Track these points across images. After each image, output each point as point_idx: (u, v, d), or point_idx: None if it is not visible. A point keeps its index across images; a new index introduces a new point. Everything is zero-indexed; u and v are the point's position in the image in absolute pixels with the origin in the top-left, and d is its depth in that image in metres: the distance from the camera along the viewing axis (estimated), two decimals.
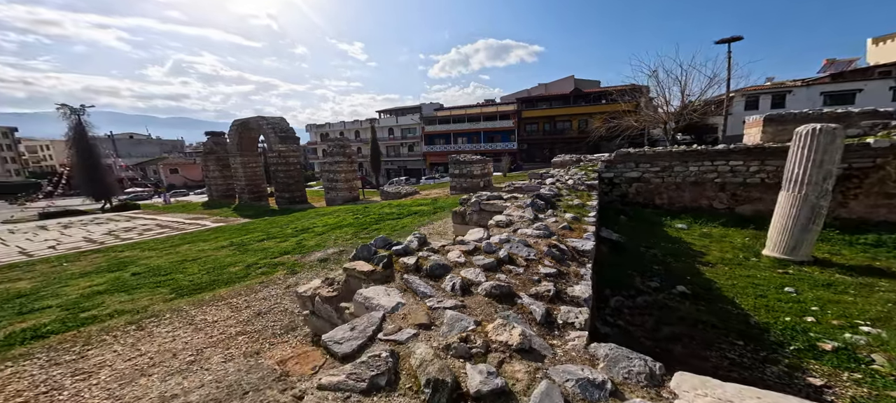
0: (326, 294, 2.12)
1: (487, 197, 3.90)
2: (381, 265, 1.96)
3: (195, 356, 2.49)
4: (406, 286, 1.64)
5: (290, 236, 6.75)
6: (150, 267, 5.36)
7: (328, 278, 2.31)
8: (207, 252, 6.13)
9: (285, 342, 2.64)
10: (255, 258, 5.23)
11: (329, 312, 2.10)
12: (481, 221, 3.59)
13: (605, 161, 7.32)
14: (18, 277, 5.38)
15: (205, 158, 24.45)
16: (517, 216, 2.87)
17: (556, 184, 4.77)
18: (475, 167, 10.95)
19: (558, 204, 3.54)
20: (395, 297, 1.50)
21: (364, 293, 1.57)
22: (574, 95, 34.38)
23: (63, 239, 10.83)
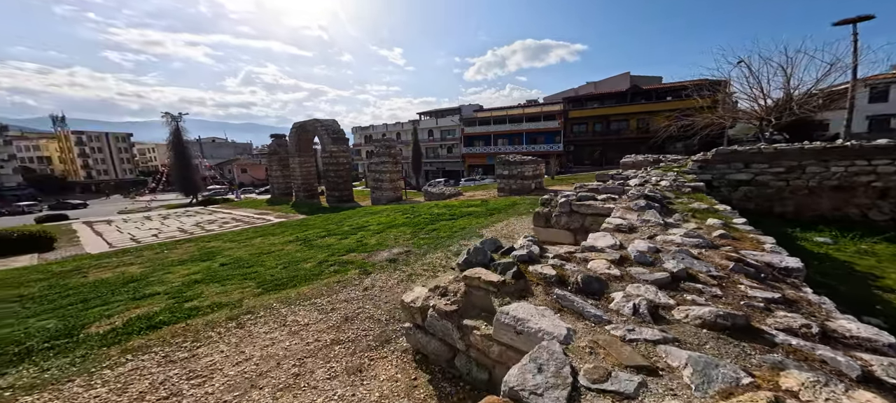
0: (445, 307, 1.67)
1: (578, 197, 3.20)
2: (509, 275, 1.59)
3: (298, 367, 2.39)
4: (559, 304, 1.31)
5: (348, 233, 6.83)
6: (233, 258, 5.72)
7: (438, 286, 1.90)
8: (278, 246, 6.42)
9: (384, 358, 2.40)
10: (322, 254, 5.33)
11: (447, 329, 1.75)
12: (571, 224, 2.90)
13: (698, 160, 5.98)
14: (131, 262, 6.13)
15: (269, 158, 26.91)
16: (637, 220, 2.17)
17: (646, 185, 3.85)
18: (527, 168, 10.06)
19: (672, 208, 2.69)
20: (554, 320, 1.16)
21: (510, 312, 1.25)
22: (632, 93, 31.00)
23: (163, 228, 12.56)
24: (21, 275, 5.63)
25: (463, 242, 5.34)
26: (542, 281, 1.51)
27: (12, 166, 49.58)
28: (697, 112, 17.58)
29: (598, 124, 32.41)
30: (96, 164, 62.52)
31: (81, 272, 5.55)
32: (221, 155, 65.58)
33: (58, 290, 4.51)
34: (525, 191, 10.19)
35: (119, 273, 5.28)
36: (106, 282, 4.73)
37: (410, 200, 16.86)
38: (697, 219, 2.30)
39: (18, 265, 7.48)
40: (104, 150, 63.45)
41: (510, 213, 7.44)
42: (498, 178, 11.02)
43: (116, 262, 6.19)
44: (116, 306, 3.72)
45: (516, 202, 8.43)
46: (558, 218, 3.18)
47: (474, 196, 13.03)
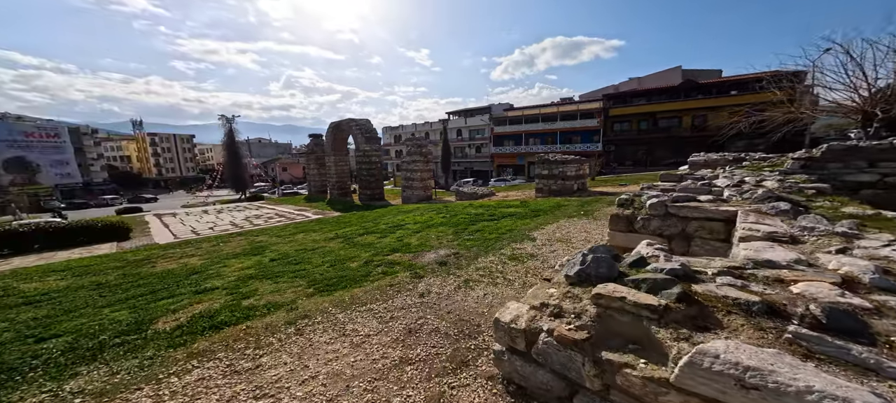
0: (569, 333, 1.33)
1: (675, 197, 2.69)
2: (671, 296, 1.23)
3: (371, 392, 2.15)
4: (804, 348, 0.93)
5: (386, 232, 6.84)
6: (280, 253, 5.93)
7: (546, 305, 1.57)
8: (320, 243, 6.55)
9: (466, 386, 2.10)
10: (366, 253, 5.37)
11: (570, 362, 1.36)
12: (665, 230, 2.44)
13: (800, 158, 4.97)
14: (192, 253, 6.67)
15: (307, 157, 28.40)
16: (790, 229, 1.72)
17: (744, 186, 3.18)
18: (569, 167, 9.33)
19: (818, 214, 2.12)
20: (822, 376, 0.81)
21: (723, 354, 0.89)
22: (686, 88, 27.94)
23: (217, 222, 13.71)
24: (102, 263, 6.30)
25: (516, 245, 5.04)
26: (735, 308, 1.12)
27: (100, 164, 58.02)
28: (774, 106, 15.19)
29: (643, 122, 29.72)
30: (165, 163, 71.10)
31: (151, 261, 6.06)
32: (266, 154, 71.13)
33: (130, 279, 4.92)
34: (567, 191, 9.47)
35: (182, 264, 5.69)
36: (171, 273, 5.11)
37: (440, 199, 16.72)
38: (890, 231, 1.73)
39: (100, 253, 8.44)
40: (172, 150, 71.95)
41: (558, 215, 6.98)
42: (536, 178, 10.39)
43: (180, 253, 6.72)
44: (181, 299, 3.93)
45: (561, 203, 7.85)
46: (646, 222, 2.69)
47: (508, 196, 12.49)
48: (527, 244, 5.09)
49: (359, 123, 21.58)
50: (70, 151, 47.57)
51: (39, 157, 43.62)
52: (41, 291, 4.59)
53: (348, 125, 22.09)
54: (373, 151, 21.25)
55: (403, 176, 18.70)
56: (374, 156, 21.37)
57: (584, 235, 5.51)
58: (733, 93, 23.86)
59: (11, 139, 41.49)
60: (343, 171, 24.44)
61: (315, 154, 27.68)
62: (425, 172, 18.19)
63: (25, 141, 42.57)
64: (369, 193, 21.21)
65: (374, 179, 21.48)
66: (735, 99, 23.19)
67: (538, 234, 5.62)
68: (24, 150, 42.49)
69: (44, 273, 5.61)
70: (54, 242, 9.30)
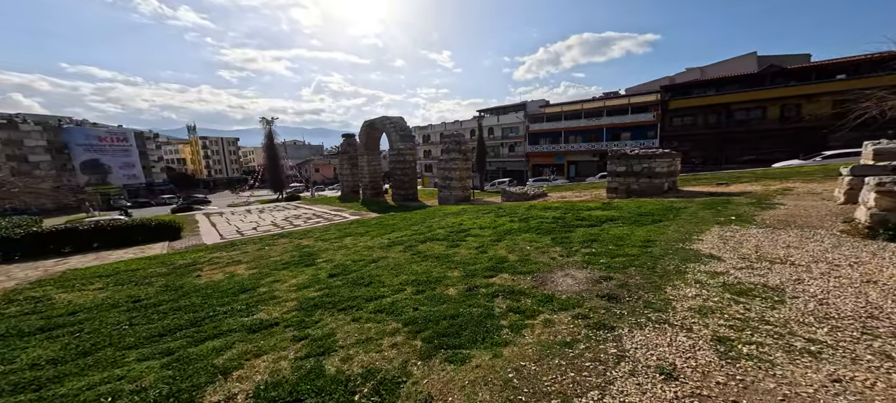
0: None
1: None
2: None
3: None
4: None
5: (453, 238, 5.87)
6: (337, 264, 5.13)
7: None
8: (377, 251, 5.73)
9: None
10: (454, 272, 4.20)
11: None
12: None
13: None
14: (238, 259, 6.18)
15: (340, 157, 28.62)
16: None
17: None
18: (659, 163, 7.70)
19: None
20: None
21: None
22: (772, 73, 24.04)
23: (260, 222, 13.77)
24: (149, 267, 5.96)
25: (700, 268, 3.52)
26: None
27: (160, 166, 64.12)
28: None
29: (712, 115, 26.09)
30: (214, 165, 77.22)
31: (196, 268, 5.58)
32: (300, 155, 74.54)
33: (172, 295, 4.35)
34: (655, 191, 7.86)
35: (228, 275, 5.09)
36: (218, 288, 4.47)
37: (481, 201, 15.53)
38: None
39: (151, 253, 8.35)
40: (220, 153, 77.99)
41: (683, 221, 5.39)
42: (611, 176, 8.85)
43: (226, 258, 6.31)
44: (231, 339, 2.97)
45: (675, 206, 6.24)
46: None
47: (566, 197, 11.02)
48: (715, 264, 3.60)
49: (393, 121, 21.11)
50: (135, 154, 53.02)
51: (110, 160, 49.06)
52: (74, 306, 4.13)
53: (382, 123, 21.71)
54: (407, 150, 20.65)
55: (440, 175, 17.80)
56: (409, 155, 20.76)
57: (756, 244, 4.08)
58: (841, 77, 19.88)
59: (88, 143, 47.07)
60: (376, 171, 24.22)
61: (348, 154, 27.79)
62: (464, 171, 17.13)
63: (99, 145, 48.10)
64: (403, 194, 20.63)
65: (408, 179, 20.87)
66: (842, 84, 19.30)
67: (704, 247, 4.14)
68: (98, 153, 48.03)
69: (88, 279, 5.31)
70: (112, 241, 9.50)
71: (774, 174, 10.54)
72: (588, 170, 32.08)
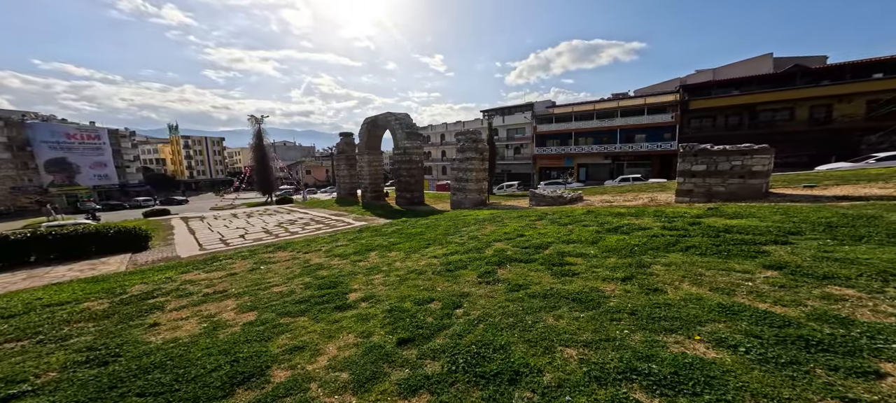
0: None
1: None
2: None
3: None
4: None
5: (540, 259, 4.15)
6: (391, 309, 3.17)
7: None
8: (436, 280, 3.89)
9: None
10: (657, 340, 2.28)
11: None
12: None
13: None
14: (224, 287, 4.32)
15: (336, 158, 26.80)
16: None
17: None
18: (755, 160, 6.32)
19: None
20: None
21: None
22: (801, 72, 23.40)
23: (249, 228, 11.87)
24: (85, 295, 4.14)
25: None
26: None
27: (136, 166, 60.45)
28: None
29: (733, 116, 25.34)
30: (197, 165, 73.59)
31: (156, 304, 3.77)
32: (290, 157, 71.84)
33: (98, 365, 2.50)
34: (750, 194, 6.45)
35: (206, 323, 3.24)
36: (185, 363, 2.49)
37: (499, 204, 13.97)
38: None
39: (104, 270, 6.43)
40: (203, 153, 74.45)
41: None
42: (682, 177, 7.43)
43: (205, 283, 4.62)
44: None
45: (864, 214, 4.28)
46: None
47: (615, 201, 9.56)
48: None
49: (398, 117, 19.55)
50: (109, 153, 49.59)
51: (79, 159, 45.61)
52: None
53: (386, 120, 20.12)
54: (414, 149, 19.08)
55: (453, 176, 16.26)
56: (416, 154, 19.19)
57: None
58: (879, 76, 19.29)
59: (54, 141, 43.62)
60: (377, 173, 22.67)
61: (345, 154, 26.05)
62: (481, 172, 15.61)
63: (67, 142, 44.65)
64: (409, 197, 19.00)
65: (415, 181, 19.28)
66: (879, 84, 18.69)
67: None
68: (66, 152, 44.56)
69: None
70: (61, 252, 7.50)
71: (877, 174, 8.87)
72: (598, 174, 31.05)
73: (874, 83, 19.56)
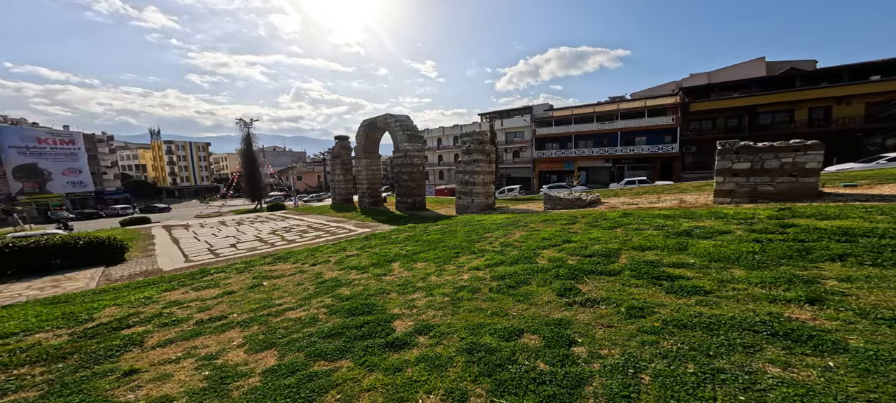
0: None
1: None
2: None
3: None
4: None
5: (621, 276, 3.28)
6: (429, 327, 2.52)
7: None
8: (470, 290, 3.27)
9: None
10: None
11: None
12: None
13: None
14: (221, 312, 3.47)
15: (332, 162, 25.90)
16: None
17: None
18: (807, 157, 5.89)
19: None
20: None
21: None
22: (800, 75, 23.83)
23: (240, 236, 10.89)
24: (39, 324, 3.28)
25: None
26: None
27: (114, 172, 57.68)
28: None
29: (732, 119, 25.60)
30: (180, 171, 70.86)
31: (132, 338, 2.94)
32: (280, 163, 70.02)
33: None
34: (802, 194, 6.00)
35: (205, 363, 2.41)
36: None
37: (507, 208, 13.36)
38: None
39: (69, 289, 5.45)
40: (187, 159, 71.81)
41: None
42: (721, 176, 6.97)
43: (195, 305, 3.80)
44: None
45: None
46: None
47: (637, 203, 9.06)
48: None
49: (398, 119, 18.88)
50: (84, 159, 47.10)
51: (51, 165, 43.06)
52: None
53: (385, 122, 19.43)
54: (415, 152, 18.40)
55: (459, 179, 15.62)
56: (417, 157, 18.51)
57: None
58: (875, 78, 19.80)
59: (24, 146, 41.08)
60: (375, 177, 21.94)
61: (341, 158, 25.18)
62: (488, 175, 15.02)
63: (38, 147, 42.13)
64: (410, 201, 18.24)
65: (416, 185, 18.57)
66: (877, 86, 19.17)
67: None
68: (36, 157, 42.00)
69: None
70: (20, 267, 6.45)
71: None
72: (599, 177, 30.93)
73: (873, 85, 20.12)
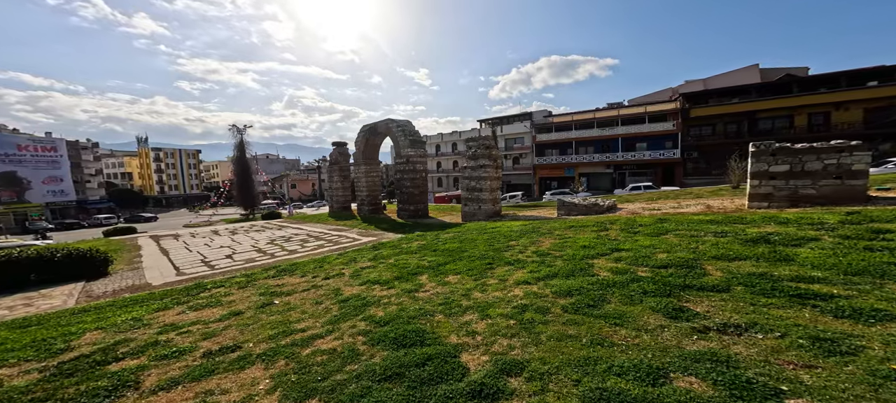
0: None
1: None
2: None
3: None
4: None
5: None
6: (519, 363, 2.01)
7: None
8: (540, 311, 2.70)
9: None
10: None
11: None
12: None
13: None
14: (231, 332, 2.99)
15: (329, 169, 25.33)
16: None
17: None
18: (854, 158, 5.60)
19: None
20: None
21: None
22: (799, 81, 24.37)
23: (235, 247, 10.24)
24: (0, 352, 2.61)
25: None
26: None
27: (98, 180, 55.84)
28: None
29: (731, 124, 25.94)
30: (169, 180, 69.05)
31: (121, 379, 2.36)
32: (273, 170, 68.85)
33: None
34: (848, 197, 5.71)
35: None
36: None
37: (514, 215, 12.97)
38: None
39: (46, 306, 4.80)
40: (177, 166, 70.12)
41: None
42: (755, 179, 6.69)
43: (198, 329, 3.21)
44: None
45: None
46: None
47: (661, 209, 8.76)
48: None
49: (400, 124, 18.54)
50: (66, 167, 45.45)
51: (31, 173, 41.37)
52: None
53: (387, 127, 19.05)
54: (418, 157, 17.99)
55: (465, 186, 15.21)
56: (420, 163, 18.10)
57: None
58: (873, 84, 20.32)
59: (3, 153, 39.43)
60: (375, 184, 21.47)
61: (339, 165, 24.64)
62: (495, 181, 14.63)
63: (17, 155, 40.48)
64: (413, 209, 17.75)
65: (419, 192, 18.11)
66: (875, 91, 19.70)
67: None
68: (15, 165, 40.29)
69: None
70: None
71: None
72: (600, 183, 30.91)
73: (871, 91, 20.66)
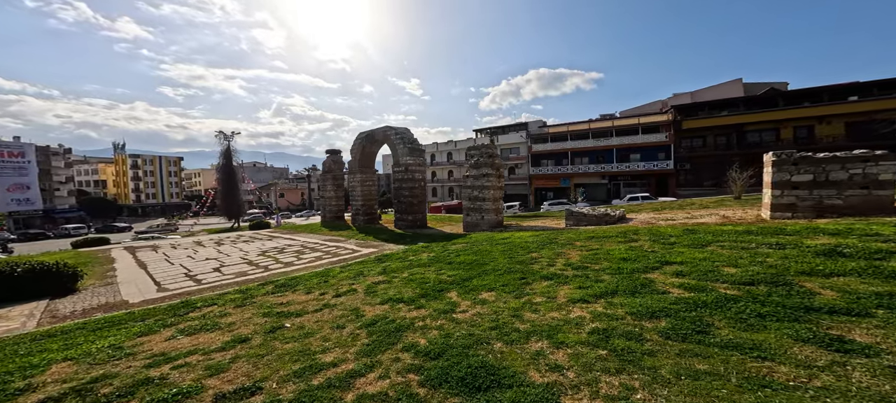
0: None
1: None
2: None
3: None
4: None
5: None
6: None
7: None
8: (634, 339, 2.37)
9: None
10: None
11: None
12: None
13: None
14: (245, 367, 2.50)
15: (322, 177, 24.60)
16: None
17: None
18: (880, 167, 5.54)
19: None
20: None
21: None
22: (785, 95, 25.61)
23: (223, 259, 9.48)
24: None
25: None
26: None
27: (68, 188, 52.81)
28: None
29: (721, 136, 26.88)
30: (146, 188, 66.04)
31: None
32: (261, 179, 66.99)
33: None
34: (875, 208, 5.63)
35: None
36: None
37: (518, 225, 12.68)
38: None
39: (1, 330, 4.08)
40: (155, 174, 67.23)
41: None
42: (777, 189, 6.60)
43: (199, 362, 2.67)
44: None
45: None
46: None
47: (673, 220, 8.62)
48: None
49: (399, 132, 18.22)
50: (34, 173, 42.84)
51: None
52: None
53: (385, 134, 18.71)
54: (416, 166, 17.65)
55: (467, 195, 14.90)
56: (418, 171, 17.74)
57: None
58: (853, 99, 21.49)
59: None
60: (371, 193, 20.93)
61: (332, 173, 23.98)
62: (498, 190, 14.38)
63: None
64: (411, 219, 17.27)
65: (417, 201, 17.67)
66: (856, 105, 20.85)
67: None
68: None
69: None
70: None
71: None
72: (596, 194, 31.24)
73: (853, 105, 21.90)
